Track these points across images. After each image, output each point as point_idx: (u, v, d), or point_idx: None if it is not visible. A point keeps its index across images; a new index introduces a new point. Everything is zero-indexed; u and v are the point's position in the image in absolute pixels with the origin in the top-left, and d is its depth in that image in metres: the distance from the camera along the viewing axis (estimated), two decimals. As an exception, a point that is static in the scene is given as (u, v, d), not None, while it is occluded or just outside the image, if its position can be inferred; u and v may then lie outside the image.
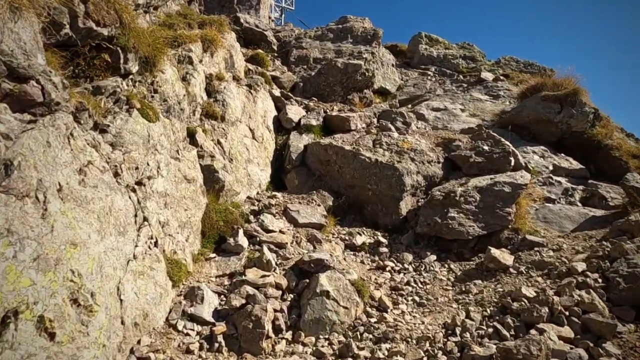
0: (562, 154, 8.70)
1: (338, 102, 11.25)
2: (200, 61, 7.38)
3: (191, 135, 6.51)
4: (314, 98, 10.52)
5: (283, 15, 32.54)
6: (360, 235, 6.78)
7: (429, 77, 14.64)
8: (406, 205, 7.28)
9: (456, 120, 11.36)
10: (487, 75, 13.44)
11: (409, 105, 13.16)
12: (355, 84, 11.30)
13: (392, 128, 8.99)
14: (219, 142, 6.97)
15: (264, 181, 7.90)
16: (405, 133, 8.93)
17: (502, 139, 7.98)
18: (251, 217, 6.49)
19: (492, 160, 7.50)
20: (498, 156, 7.49)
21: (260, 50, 11.96)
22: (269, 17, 21.82)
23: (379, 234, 6.92)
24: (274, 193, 7.49)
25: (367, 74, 11.37)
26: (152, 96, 5.79)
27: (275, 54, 14.02)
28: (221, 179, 6.52)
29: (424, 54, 16.62)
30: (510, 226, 6.40)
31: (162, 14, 7.93)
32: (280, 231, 6.16)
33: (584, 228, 6.58)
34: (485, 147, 7.78)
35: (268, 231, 6.02)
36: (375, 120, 9.93)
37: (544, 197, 7.39)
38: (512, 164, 7.46)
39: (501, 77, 13.28)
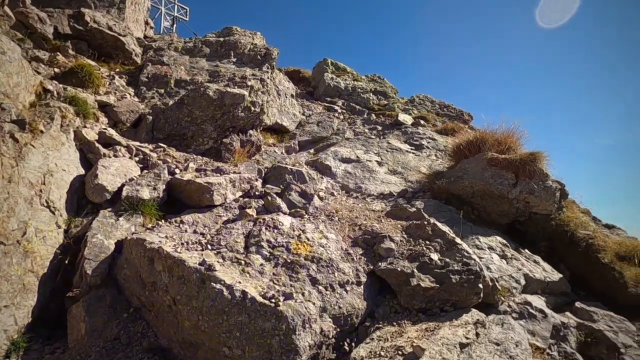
0: (527, 251, 5.73)
1: (208, 147, 7.28)
2: None
3: None
4: (161, 145, 6.36)
5: (175, 26, 27.65)
6: None
7: (337, 114, 11.38)
8: (300, 387, 3.53)
9: (373, 178, 8.10)
10: (406, 118, 10.54)
11: (312, 151, 9.70)
12: (235, 122, 7.44)
13: (283, 206, 5.27)
14: None
15: (8, 335, 3.56)
16: (303, 214, 5.27)
17: (457, 240, 4.69)
18: None
19: (450, 286, 4.12)
20: (459, 280, 4.13)
21: (86, 61, 7.52)
22: (146, 23, 17.05)
23: None
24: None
25: (253, 108, 7.58)
26: None
27: (133, 69, 9.64)
28: None
29: (330, 84, 13.47)
30: None
31: None
32: None
33: None
34: (434, 257, 4.40)
35: None
36: (259, 183, 6.15)
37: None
38: (482, 293, 4.17)
39: (421, 122, 10.45)
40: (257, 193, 5.87)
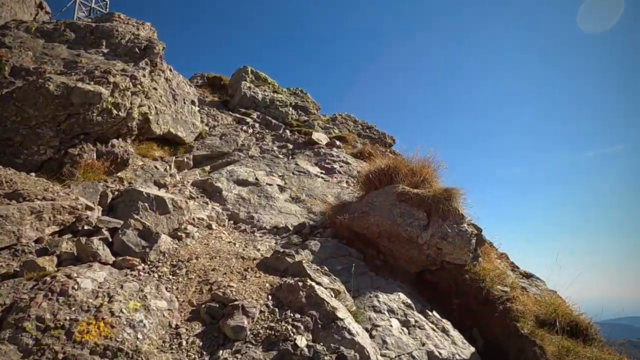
0: (435, 314, 4.54)
1: (46, 157, 5.39)
2: None
3: None
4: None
5: (91, 18, 24.66)
6: None
7: (245, 127, 9.86)
8: None
9: (270, 206, 6.66)
10: (320, 137, 9.29)
11: (207, 168, 8.08)
12: (88, 128, 5.62)
13: (103, 253, 3.59)
14: None
15: None
16: (135, 265, 3.64)
17: (339, 313, 3.31)
18: None
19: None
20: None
21: None
22: (39, 6, 14.43)
23: None
24: None
25: (115, 112, 5.82)
26: None
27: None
28: None
29: (247, 94, 12.00)
30: None
31: None
32: None
33: None
34: (301, 342, 2.98)
35: None
36: (95, 213, 4.41)
37: None
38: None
39: (337, 143, 9.25)
40: (86, 228, 4.15)
